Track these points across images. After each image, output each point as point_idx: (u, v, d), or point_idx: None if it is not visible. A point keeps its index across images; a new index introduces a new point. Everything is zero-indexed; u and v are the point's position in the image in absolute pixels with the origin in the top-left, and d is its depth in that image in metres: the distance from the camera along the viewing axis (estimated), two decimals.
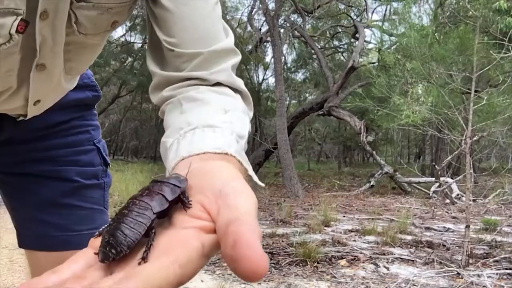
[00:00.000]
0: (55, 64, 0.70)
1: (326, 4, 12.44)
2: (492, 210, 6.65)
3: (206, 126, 0.54)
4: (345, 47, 16.19)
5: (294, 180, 8.53)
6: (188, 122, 0.56)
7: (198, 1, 0.65)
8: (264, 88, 20.84)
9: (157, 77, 0.67)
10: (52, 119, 0.90)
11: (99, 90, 1.02)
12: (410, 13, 8.05)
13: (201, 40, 0.65)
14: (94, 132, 1.00)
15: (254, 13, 13.48)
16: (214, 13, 0.67)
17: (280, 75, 9.42)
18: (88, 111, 0.99)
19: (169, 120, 0.61)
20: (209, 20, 0.66)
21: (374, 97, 7.74)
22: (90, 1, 0.64)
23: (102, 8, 0.65)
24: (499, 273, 3.44)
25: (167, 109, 0.64)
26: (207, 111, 0.58)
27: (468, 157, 3.84)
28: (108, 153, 1.04)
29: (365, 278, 3.35)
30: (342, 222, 5.78)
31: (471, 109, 3.93)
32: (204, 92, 0.62)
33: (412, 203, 7.66)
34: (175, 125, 0.58)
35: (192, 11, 0.65)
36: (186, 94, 0.62)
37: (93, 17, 0.66)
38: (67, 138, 0.94)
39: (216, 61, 0.65)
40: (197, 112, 0.58)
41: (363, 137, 9.82)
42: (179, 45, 0.64)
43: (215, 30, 0.67)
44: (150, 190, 0.37)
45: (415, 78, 6.56)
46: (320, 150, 23.99)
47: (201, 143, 0.49)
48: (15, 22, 0.59)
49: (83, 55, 0.75)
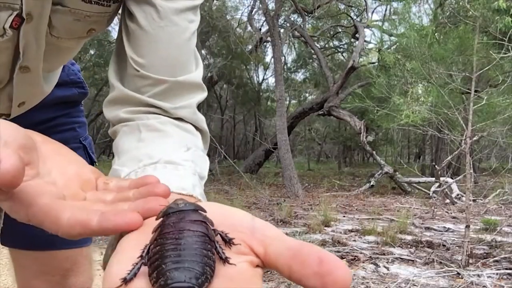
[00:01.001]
0: (39, 66, 0.69)
1: (326, 4, 12.44)
2: (492, 210, 6.65)
3: (168, 163, 0.53)
4: (345, 47, 16.20)
5: (294, 180, 8.53)
6: (149, 154, 0.54)
7: (175, 28, 0.63)
8: (264, 88, 20.89)
9: (116, 92, 0.64)
10: (36, 117, 0.88)
11: (86, 86, 1.00)
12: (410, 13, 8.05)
13: (169, 67, 0.62)
14: (80, 129, 0.99)
15: (254, 13, 13.49)
16: (189, 43, 0.65)
17: (280, 75, 9.42)
18: (74, 108, 0.98)
19: (124, 144, 0.59)
20: (182, 50, 0.64)
21: (374, 97, 7.74)
22: (67, 5, 0.62)
23: (79, 15, 0.63)
24: (499, 273, 3.44)
25: (121, 131, 0.62)
26: (168, 146, 0.56)
27: (468, 157, 3.85)
28: (93, 151, 1.03)
29: (365, 278, 3.35)
30: (342, 222, 5.78)
31: (471, 109, 3.93)
32: (166, 124, 0.60)
33: (412, 203, 7.66)
34: (132, 153, 0.55)
35: (167, 36, 0.63)
36: (146, 122, 0.60)
37: (68, 23, 0.64)
38: (53, 136, 0.91)
39: (180, 93, 0.63)
40: (157, 145, 0.56)
41: (363, 137, 9.83)
42: (146, 67, 0.62)
43: (186, 61, 0.64)
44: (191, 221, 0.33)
45: (415, 78, 6.56)
46: (320, 150, 23.99)
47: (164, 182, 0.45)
48: (10, 17, 0.58)
49: (57, 56, 0.74)
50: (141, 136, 0.58)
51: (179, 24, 0.63)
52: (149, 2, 0.63)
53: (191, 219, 0.33)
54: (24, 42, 0.62)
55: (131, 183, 0.43)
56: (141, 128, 0.59)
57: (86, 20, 0.65)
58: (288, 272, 0.31)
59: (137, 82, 0.63)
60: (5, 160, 0.32)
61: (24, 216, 0.37)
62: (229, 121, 21.92)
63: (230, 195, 8.03)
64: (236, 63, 15.20)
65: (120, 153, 0.58)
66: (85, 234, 0.36)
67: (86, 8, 0.63)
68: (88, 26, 0.66)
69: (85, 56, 14.88)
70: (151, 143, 0.57)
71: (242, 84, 18.39)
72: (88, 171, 0.44)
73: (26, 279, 1.01)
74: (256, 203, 7.27)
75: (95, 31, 0.69)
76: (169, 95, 0.62)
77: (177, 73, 0.63)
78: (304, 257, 0.31)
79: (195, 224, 0.33)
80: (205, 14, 11.27)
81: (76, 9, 0.62)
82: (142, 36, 0.62)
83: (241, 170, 11.20)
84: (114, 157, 0.60)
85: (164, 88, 0.62)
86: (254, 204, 7.22)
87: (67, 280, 1.01)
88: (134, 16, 0.63)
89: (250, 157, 13.37)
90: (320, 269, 0.30)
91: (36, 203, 0.36)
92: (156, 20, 0.62)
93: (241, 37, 14.46)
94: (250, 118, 22.12)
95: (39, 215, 0.36)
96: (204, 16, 11.24)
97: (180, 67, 0.64)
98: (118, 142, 0.61)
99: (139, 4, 0.63)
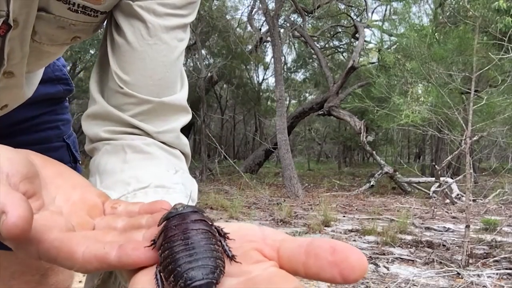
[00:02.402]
0: (23, 71, 0.67)
1: (326, 4, 12.44)
2: (492, 210, 6.65)
3: (159, 187, 0.52)
4: (345, 47, 16.20)
5: (294, 180, 8.53)
6: (137, 178, 0.52)
7: (164, 46, 0.61)
8: (264, 88, 20.88)
9: (97, 107, 0.62)
10: (19, 115, 0.86)
11: (72, 83, 0.99)
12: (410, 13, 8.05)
13: (154, 87, 0.61)
14: (64, 127, 0.97)
15: (254, 13, 13.47)
16: (176, 62, 0.63)
17: (280, 75, 9.42)
18: (59, 105, 0.97)
19: (107, 165, 0.57)
20: (169, 69, 0.62)
21: (374, 97, 7.75)
22: (52, 12, 0.59)
23: (63, 23, 0.61)
24: (499, 273, 3.44)
25: (103, 150, 0.60)
26: (157, 169, 0.55)
27: (468, 157, 3.85)
28: (77, 149, 1.01)
29: (365, 278, 3.35)
30: (342, 222, 5.78)
31: (471, 109, 3.93)
32: (151, 146, 0.59)
33: (412, 203, 7.66)
34: (118, 176, 0.54)
35: (155, 55, 0.61)
36: (131, 142, 0.58)
37: (51, 29, 0.62)
38: (36, 135, 0.91)
39: (164, 114, 0.61)
40: (145, 168, 0.55)
41: (363, 137, 9.82)
42: (131, 85, 0.60)
43: (171, 81, 0.63)
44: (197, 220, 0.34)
45: (415, 78, 6.57)
46: (320, 150, 23.98)
47: None
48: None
49: (38, 60, 0.73)
50: (126, 158, 0.57)
51: (168, 42, 0.61)
52: (139, 17, 0.61)
53: (192, 219, 0.34)
54: (9, 49, 0.60)
55: (142, 208, 0.41)
56: (126, 149, 0.58)
57: (70, 28, 0.63)
58: (304, 269, 0.31)
59: (119, 99, 0.60)
60: (12, 210, 0.29)
61: (34, 254, 0.34)
62: (229, 121, 21.91)
63: (230, 195, 8.03)
64: (236, 63, 15.19)
65: (102, 173, 0.56)
66: (102, 268, 0.34)
67: (71, 17, 0.61)
68: (72, 34, 0.64)
69: (85, 56, 14.86)
70: (138, 166, 0.55)
71: (242, 84, 18.39)
72: (93, 195, 0.42)
73: (4, 281, 0.97)
74: (256, 203, 7.26)
75: (80, 39, 0.67)
76: (152, 116, 0.61)
77: (162, 93, 0.61)
78: (316, 250, 0.31)
79: (197, 223, 0.33)
80: (205, 14, 11.26)
81: (61, 17, 0.60)
82: (128, 52, 0.60)
83: (241, 170, 11.20)
84: (93, 177, 0.58)
85: (148, 108, 0.60)
86: (254, 204, 7.22)
87: (47, 279, 0.99)
88: (121, 30, 0.61)
89: (250, 157, 13.37)
90: (334, 258, 0.30)
91: (45, 239, 0.33)
92: (145, 37, 0.60)
93: (241, 37, 14.46)
94: (250, 118, 22.12)
95: (51, 252, 0.34)
96: (204, 16, 11.24)
97: (166, 87, 0.62)
98: (99, 161, 0.59)
99: (127, 18, 0.61)
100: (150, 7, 0.61)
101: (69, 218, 0.37)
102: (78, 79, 15.49)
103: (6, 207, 0.30)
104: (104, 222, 0.40)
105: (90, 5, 0.60)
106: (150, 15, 0.61)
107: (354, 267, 0.29)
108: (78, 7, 0.60)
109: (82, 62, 15.60)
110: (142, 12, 0.60)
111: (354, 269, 0.29)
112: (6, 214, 0.29)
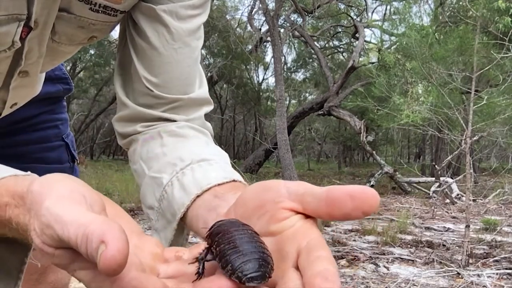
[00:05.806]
0: (38, 70, 0.68)
1: (326, 4, 12.44)
2: (492, 210, 6.65)
3: (201, 161, 0.55)
4: (345, 47, 16.20)
5: (294, 180, 8.52)
6: (180, 157, 0.56)
7: (188, 49, 0.65)
8: (264, 88, 20.89)
9: (129, 111, 0.65)
10: (20, 114, 0.86)
11: (71, 82, 0.99)
12: (410, 13, 8.05)
13: (182, 87, 0.65)
14: (63, 126, 0.98)
15: (254, 13, 13.47)
16: (197, 60, 0.67)
17: (280, 75, 9.42)
18: (57, 104, 0.97)
19: (149, 152, 0.61)
20: (192, 68, 0.66)
21: (374, 96, 7.75)
22: (73, 13, 0.61)
23: (83, 22, 0.63)
24: (499, 273, 3.44)
25: (142, 139, 0.64)
26: (193, 146, 0.60)
27: (468, 157, 3.84)
28: (75, 149, 1.01)
29: (365, 278, 3.35)
30: (342, 222, 5.77)
31: (471, 109, 3.93)
32: (184, 128, 0.63)
33: (412, 203, 7.66)
34: (164, 159, 0.58)
35: (180, 57, 0.64)
36: (166, 128, 0.63)
37: (71, 29, 0.63)
38: (35, 134, 0.92)
39: (192, 107, 0.67)
40: (182, 147, 0.59)
41: (363, 137, 9.82)
42: (161, 87, 0.63)
43: (194, 77, 0.67)
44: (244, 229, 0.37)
45: (415, 78, 6.57)
46: (320, 150, 24.00)
47: (205, 178, 0.51)
48: (19, 29, 0.57)
49: (54, 60, 0.74)
50: (163, 141, 0.61)
51: (190, 44, 0.65)
52: (162, 22, 0.62)
53: (237, 224, 0.37)
54: (27, 49, 0.61)
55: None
56: (162, 134, 0.62)
57: (89, 28, 0.64)
58: (329, 217, 0.36)
59: (149, 100, 0.64)
60: (112, 242, 0.28)
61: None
62: (229, 121, 21.92)
63: None
64: (236, 63, 15.21)
65: (147, 161, 0.61)
66: None
67: (92, 17, 0.62)
68: (90, 33, 0.66)
69: (85, 56, 14.86)
70: (176, 148, 0.59)
71: (242, 84, 18.40)
72: (152, 243, 0.41)
73: None
74: None
75: (96, 38, 0.68)
76: (181, 110, 0.66)
77: (189, 89, 0.66)
78: (337, 203, 0.35)
79: (242, 225, 0.37)
80: None
81: (82, 17, 0.62)
82: (155, 56, 0.63)
83: (241, 170, 11.20)
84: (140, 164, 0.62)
85: (178, 104, 0.65)
86: None
87: (46, 278, 0.99)
88: (144, 34, 0.63)
89: (250, 157, 13.37)
90: (355, 204, 0.34)
91: (123, 276, 0.31)
92: (170, 41, 0.63)
93: (241, 37, 14.46)
94: (250, 118, 22.13)
95: None
96: None
97: (190, 84, 0.66)
98: (141, 150, 0.63)
99: (150, 22, 0.63)
100: (173, 10, 0.63)
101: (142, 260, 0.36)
102: (78, 79, 15.51)
103: (106, 236, 0.28)
104: (174, 268, 0.38)
105: (111, 5, 0.62)
106: (174, 20, 0.63)
107: (372, 205, 0.34)
108: (99, 7, 0.61)
109: (82, 61, 15.61)
110: (166, 16, 0.63)
111: (372, 206, 0.34)
112: (106, 245, 0.28)
